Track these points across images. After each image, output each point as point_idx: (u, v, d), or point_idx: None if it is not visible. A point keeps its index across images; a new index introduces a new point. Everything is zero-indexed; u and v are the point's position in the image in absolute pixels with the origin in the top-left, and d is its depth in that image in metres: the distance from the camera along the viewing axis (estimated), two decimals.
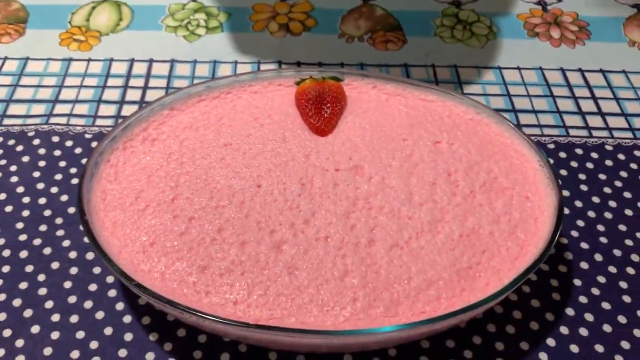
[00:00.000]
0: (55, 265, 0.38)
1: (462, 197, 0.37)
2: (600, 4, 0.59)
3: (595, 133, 0.47)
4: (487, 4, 0.59)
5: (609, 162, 0.45)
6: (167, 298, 0.31)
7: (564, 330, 0.36)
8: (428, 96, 0.42)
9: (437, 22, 0.57)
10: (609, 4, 0.59)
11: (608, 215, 0.42)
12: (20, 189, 0.42)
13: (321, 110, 0.41)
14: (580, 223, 0.41)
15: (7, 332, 0.35)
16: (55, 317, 0.36)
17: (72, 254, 0.39)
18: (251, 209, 0.36)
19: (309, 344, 0.32)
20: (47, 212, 0.41)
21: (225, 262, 0.34)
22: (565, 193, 0.43)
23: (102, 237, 0.34)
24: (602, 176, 0.44)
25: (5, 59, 0.52)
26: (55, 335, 0.35)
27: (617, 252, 0.40)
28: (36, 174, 0.43)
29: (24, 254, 0.39)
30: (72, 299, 0.37)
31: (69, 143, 0.45)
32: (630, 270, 0.39)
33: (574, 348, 0.36)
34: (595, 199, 0.43)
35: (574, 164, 0.45)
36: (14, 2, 0.58)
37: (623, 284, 0.38)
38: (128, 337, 0.35)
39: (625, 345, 0.36)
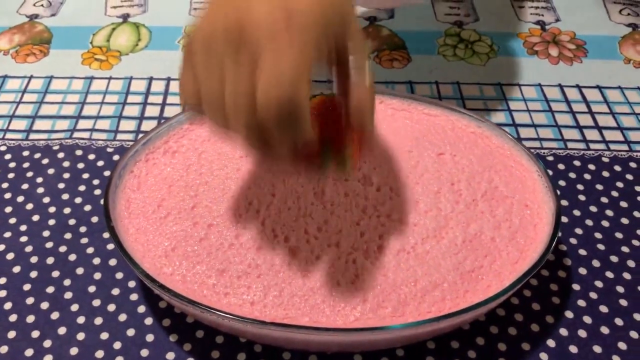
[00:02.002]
0: (80, 270, 0.41)
1: (465, 205, 0.39)
2: (596, 23, 0.62)
3: (592, 146, 0.49)
4: (488, 24, 0.62)
5: (605, 173, 0.47)
6: (189, 298, 0.33)
7: (563, 332, 0.38)
8: (432, 111, 0.45)
9: (440, 42, 0.59)
10: (605, 24, 0.62)
11: (605, 223, 0.44)
12: (46, 200, 0.45)
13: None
14: (579, 231, 0.43)
15: (35, 333, 0.37)
16: (81, 319, 0.38)
17: (96, 260, 0.41)
18: (266, 216, 0.38)
19: (322, 341, 0.34)
20: (72, 221, 0.43)
21: (242, 266, 0.36)
22: (564, 203, 0.45)
23: (126, 242, 0.36)
24: (599, 186, 0.46)
25: (31, 77, 0.55)
26: (80, 336, 0.37)
27: (614, 258, 0.42)
28: (61, 186, 0.46)
29: (50, 260, 0.41)
30: (96, 303, 0.39)
31: (91, 156, 0.48)
32: (627, 276, 0.41)
33: (573, 349, 0.37)
34: (593, 208, 0.45)
35: (572, 175, 0.47)
36: (38, 24, 0.61)
37: (620, 289, 0.40)
38: (149, 338, 0.37)
39: (622, 346, 0.37)
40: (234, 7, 0.29)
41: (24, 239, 0.42)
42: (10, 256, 0.41)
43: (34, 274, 0.40)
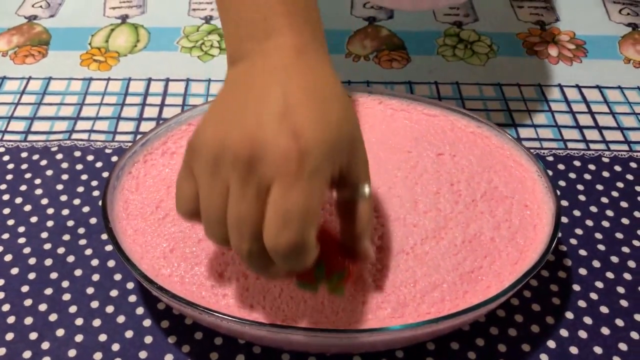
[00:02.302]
0: (78, 272, 0.40)
1: (464, 205, 0.39)
2: (596, 23, 0.62)
3: (592, 146, 0.49)
4: (487, 24, 0.61)
5: (605, 174, 0.47)
6: (188, 300, 0.33)
7: (563, 332, 0.38)
8: (431, 111, 0.44)
9: (440, 42, 0.59)
10: (605, 23, 0.62)
11: (605, 223, 0.44)
12: (44, 201, 0.45)
13: None
14: (579, 231, 0.43)
15: (33, 335, 0.37)
16: (79, 321, 0.38)
17: (94, 262, 0.41)
18: None
19: (321, 343, 0.34)
20: (70, 223, 0.43)
21: (241, 267, 0.36)
22: (564, 203, 0.45)
23: (125, 243, 0.36)
24: (600, 187, 0.46)
25: (30, 78, 0.55)
26: (79, 338, 0.37)
27: (614, 259, 0.42)
28: (59, 187, 0.46)
29: (48, 261, 0.41)
30: (94, 304, 0.39)
31: (90, 157, 0.48)
32: (627, 276, 0.41)
33: (574, 350, 0.37)
34: (593, 209, 0.45)
35: (572, 175, 0.47)
36: (37, 26, 0.61)
37: (620, 289, 0.40)
38: (148, 339, 0.37)
39: (622, 347, 0.37)
40: (244, 123, 0.28)
41: (22, 240, 0.42)
42: (8, 258, 0.41)
43: (32, 276, 0.40)
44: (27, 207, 0.44)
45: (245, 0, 0.32)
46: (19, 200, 0.45)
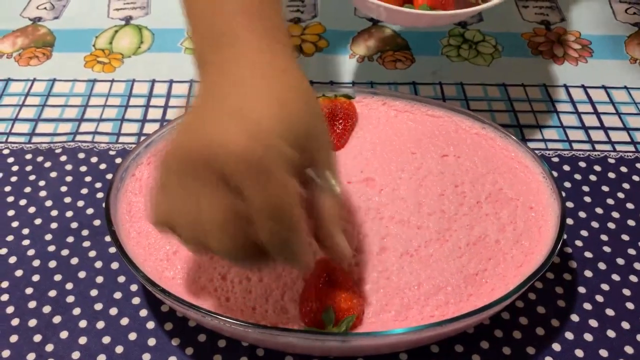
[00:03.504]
0: (82, 274, 0.40)
1: (469, 207, 0.39)
2: (602, 22, 0.61)
3: (598, 147, 0.49)
4: (492, 24, 0.61)
5: (611, 175, 0.47)
6: (190, 302, 0.33)
7: (569, 335, 0.38)
8: (435, 112, 0.44)
9: (444, 42, 0.59)
10: (611, 23, 0.61)
11: (611, 225, 0.43)
12: (48, 203, 0.45)
13: (333, 126, 0.43)
14: (584, 233, 0.43)
15: (37, 337, 0.37)
16: (83, 323, 0.38)
17: (98, 264, 0.41)
18: None
19: (324, 346, 0.34)
20: (74, 225, 0.43)
21: (244, 270, 0.36)
22: (570, 204, 0.44)
23: (128, 246, 0.36)
24: (605, 188, 0.46)
25: (34, 80, 0.55)
26: (82, 340, 0.37)
27: (620, 261, 0.41)
28: (63, 189, 0.46)
29: (52, 263, 0.41)
30: (98, 306, 0.39)
31: (94, 159, 0.48)
32: (633, 278, 0.40)
33: (579, 353, 0.37)
34: (599, 210, 0.44)
35: (577, 176, 0.47)
36: (41, 27, 0.61)
37: (626, 292, 0.40)
38: (151, 342, 0.37)
39: (628, 350, 0.37)
40: (202, 128, 0.29)
41: (26, 242, 0.42)
42: (12, 260, 0.41)
43: (36, 278, 0.40)
44: (32, 209, 0.44)
45: (207, 10, 0.33)
46: (23, 202, 0.45)
